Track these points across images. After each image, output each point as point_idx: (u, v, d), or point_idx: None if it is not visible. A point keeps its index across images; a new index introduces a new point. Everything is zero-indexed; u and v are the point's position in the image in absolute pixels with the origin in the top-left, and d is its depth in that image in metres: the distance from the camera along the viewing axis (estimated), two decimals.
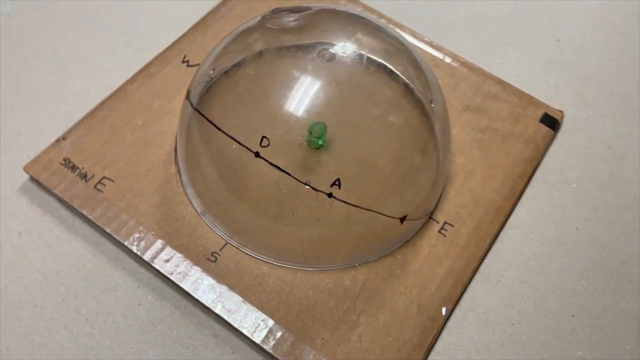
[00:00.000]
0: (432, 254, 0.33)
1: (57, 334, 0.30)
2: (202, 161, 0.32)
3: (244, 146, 0.29)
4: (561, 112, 0.40)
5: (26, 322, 0.30)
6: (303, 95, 0.31)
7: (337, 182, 0.29)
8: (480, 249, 0.34)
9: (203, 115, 0.31)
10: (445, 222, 0.34)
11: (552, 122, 0.39)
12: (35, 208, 0.33)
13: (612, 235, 0.35)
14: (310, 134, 0.32)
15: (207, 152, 0.32)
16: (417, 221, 0.33)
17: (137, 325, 0.30)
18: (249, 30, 0.32)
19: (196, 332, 0.31)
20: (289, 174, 0.29)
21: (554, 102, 0.40)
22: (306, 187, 0.29)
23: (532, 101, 0.40)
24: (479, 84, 0.40)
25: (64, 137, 0.35)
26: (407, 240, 0.34)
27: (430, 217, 0.34)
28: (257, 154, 0.29)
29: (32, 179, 0.34)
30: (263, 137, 0.29)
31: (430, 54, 0.41)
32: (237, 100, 0.32)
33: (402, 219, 0.32)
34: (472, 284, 0.33)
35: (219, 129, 0.30)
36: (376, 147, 0.32)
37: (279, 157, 0.29)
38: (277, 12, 0.33)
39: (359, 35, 0.33)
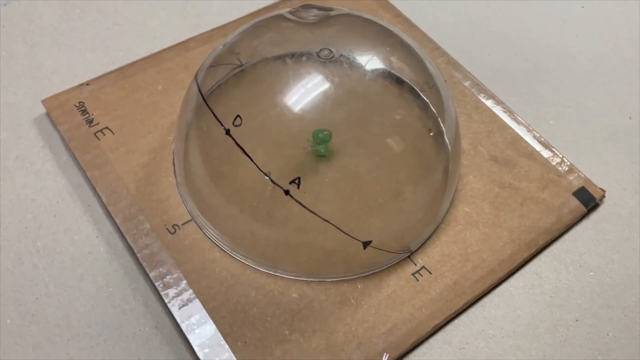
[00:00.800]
0: (396, 295, 0.30)
1: (7, 256, 0.31)
2: (189, 134, 0.32)
3: (218, 121, 0.28)
4: (603, 190, 0.35)
5: None
6: (300, 95, 0.30)
7: (296, 181, 0.27)
8: (452, 306, 0.30)
9: (197, 85, 0.31)
10: (423, 267, 0.31)
11: (587, 199, 0.34)
12: (39, 139, 0.35)
13: (618, 341, 0.30)
14: (314, 139, 0.31)
15: (194, 126, 0.31)
16: (389, 254, 0.30)
17: (80, 271, 0.30)
18: (270, 19, 0.32)
19: (130, 296, 0.30)
20: (251, 159, 0.27)
21: (599, 179, 0.35)
22: (265, 177, 0.27)
23: (572, 171, 0.35)
24: (516, 138, 0.36)
25: (87, 83, 0.37)
26: (374, 272, 0.31)
27: (408, 256, 0.31)
28: (227, 131, 0.28)
29: (48, 114, 0.36)
30: (237, 115, 0.28)
31: (473, 94, 0.38)
32: (234, 86, 0.31)
33: (365, 244, 0.29)
34: (431, 341, 0.30)
35: (204, 100, 0.29)
36: (367, 162, 0.30)
37: (250, 142, 0.28)
38: (306, 7, 0.32)
39: (376, 46, 0.31)
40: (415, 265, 0.31)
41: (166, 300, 0.29)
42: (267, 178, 0.27)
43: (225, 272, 0.30)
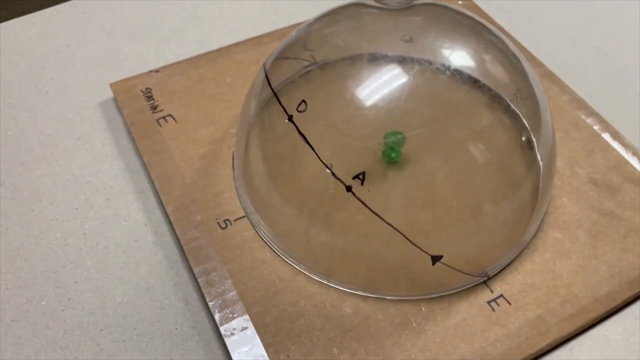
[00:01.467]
0: (466, 324, 0.26)
1: (53, 235, 0.29)
2: (251, 125, 0.29)
3: (282, 106, 0.26)
4: None
5: (35, 214, 0.30)
6: (373, 90, 0.27)
7: (360, 176, 0.24)
8: (534, 345, 0.25)
9: (265, 72, 0.28)
10: (501, 295, 0.27)
11: None
12: (103, 122, 0.34)
13: None
14: (385, 142, 0.28)
15: (257, 117, 0.29)
16: (461, 275, 0.26)
17: (124, 259, 0.29)
18: (349, 6, 0.29)
19: (171, 291, 0.28)
20: (312, 148, 0.25)
21: None
22: (327, 171, 0.24)
23: None
24: (621, 161, 0.32)
25: (157, 70, 0.36)
26: (443, 295, 0.27)
27: (484, 282, 0.27)
28: (290, 117, 0.25)
29: (114, 98, 0.35)
30: (302, 100, 0.25)
31: (572, 109, 0.34)
32: (303, 78, 0.29)
33: (435, 259, 0.25)
34: None
35: (270, 84, 0.27)
36: (444, 172, 0.27)
37: (314, 133, 0.25)
38: None
39: (467, 41, 0.28)
40: (492, 292, 0.27)
41: (207, 299, 0.26)
42: (329, 171, 0.24)
43: (274, 275, 0.27)
